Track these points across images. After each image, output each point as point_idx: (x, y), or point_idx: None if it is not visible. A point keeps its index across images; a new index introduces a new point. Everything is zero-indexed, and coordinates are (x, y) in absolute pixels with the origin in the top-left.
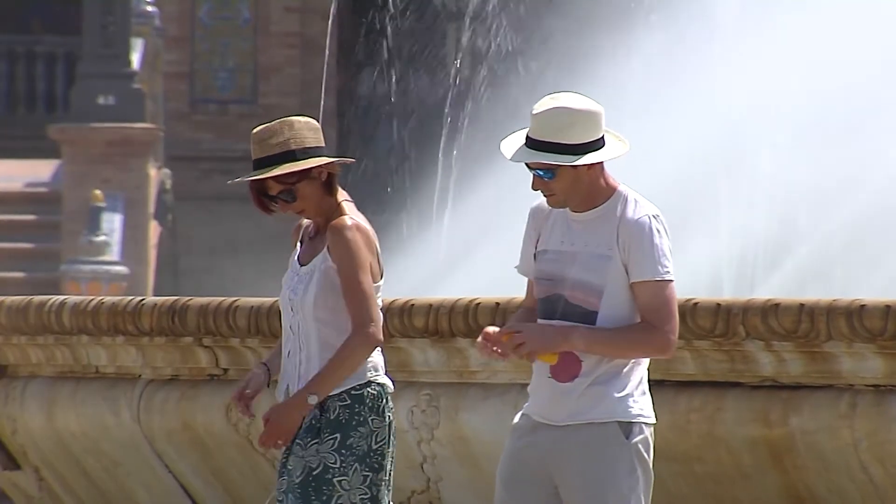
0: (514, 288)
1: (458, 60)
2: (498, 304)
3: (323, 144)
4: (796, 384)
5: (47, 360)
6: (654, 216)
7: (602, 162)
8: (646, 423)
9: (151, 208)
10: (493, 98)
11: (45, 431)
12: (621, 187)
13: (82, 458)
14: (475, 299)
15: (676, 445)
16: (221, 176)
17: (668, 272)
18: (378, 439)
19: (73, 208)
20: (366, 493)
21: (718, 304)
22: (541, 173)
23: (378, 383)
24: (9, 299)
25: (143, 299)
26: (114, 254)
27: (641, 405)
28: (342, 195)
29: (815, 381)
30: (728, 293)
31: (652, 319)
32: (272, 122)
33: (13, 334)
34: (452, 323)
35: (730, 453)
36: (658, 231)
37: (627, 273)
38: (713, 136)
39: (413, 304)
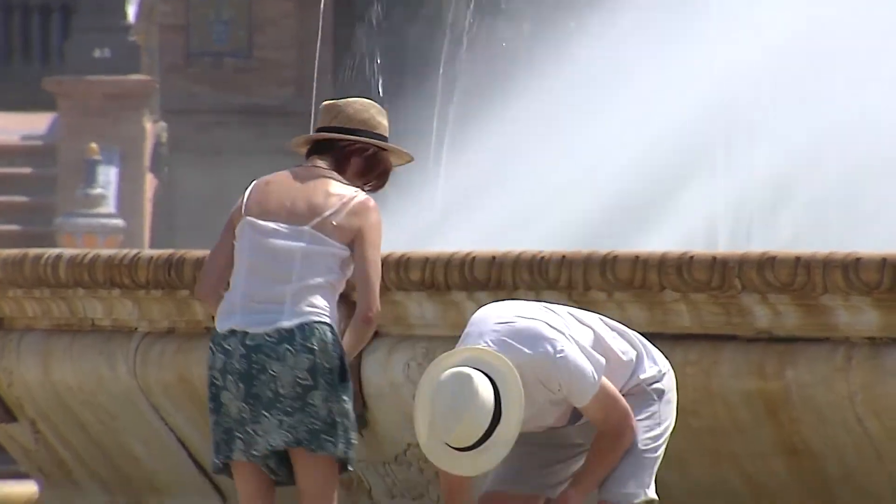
0: (511, 241)
1: (454, 10)
2: (494, 257)
3: None
4: (792, 337)
5: (43, 313)
6: (556, 353)
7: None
8: None
9: (147, 161)
10: (489, 48)
11: (42, 384)
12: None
13: (79, 411)
14: (471, 252)
15: None
16: (217, 129)
17: (595, 385)
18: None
19: (69, 161)
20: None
21: (714, 258)
22: None
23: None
24: (4, 252)
25: (139, 252)
26: (110, 207)
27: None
28: None
29: (810, 334)
30: (724, 246)
31: (603, 426)
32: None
33: (9, 287)
34: (448, 276)
35: (726, 407)
36: (563, 358)
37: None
38: (710, 91)
39: (409, 258)
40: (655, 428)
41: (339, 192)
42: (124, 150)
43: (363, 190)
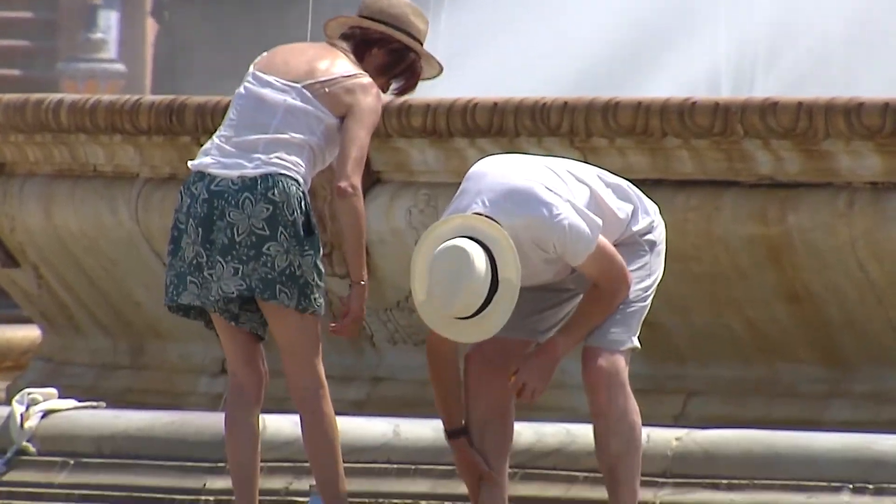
0: (513, 88)
1: None
2: (496, 104)
3: None
4: (794, 182)
5: (45, 158)
6: (553, 216)
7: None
8: None
9: (148, 6)
10: None
11: (44, 230)
12: (508, 229)
13: (81, 256)
14: (473, 99)
15: (674, 245)
16: None
17: (592, 242)
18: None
19: (70, 6)
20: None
21: (717, 103)
22: None
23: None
24: (6, 97)
25: (140, 98)
26: (111, 52)
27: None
28: None
29: (812, 180)
30: (726, 92)
31: (598, 280)
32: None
33: (11, 132)
34: (450, 123)
35: (727, 252)
36: (560, 220)
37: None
38: None
39: (410, 105)
40: (646, 279)
41: (345, 68)
42: None
43: (386, 89)
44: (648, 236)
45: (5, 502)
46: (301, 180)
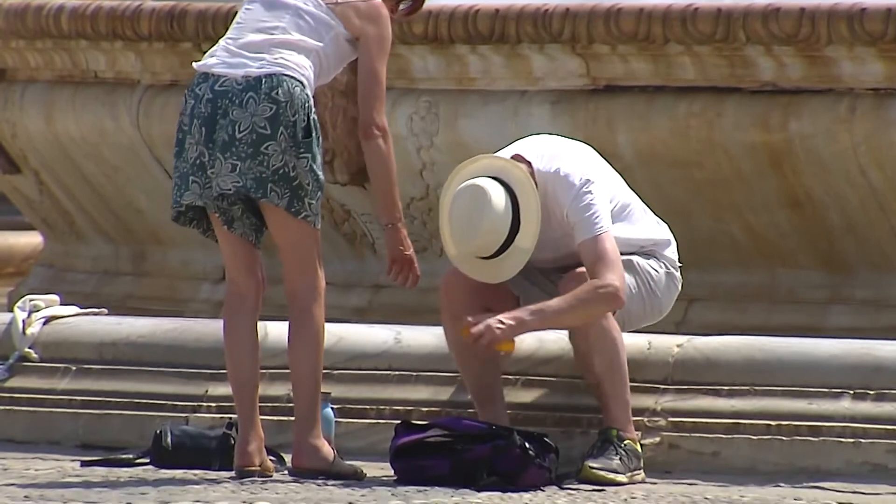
0: None
1: None
2: (498, 10)
3: None
4: (796, 88)
5: (46, 64)
6: (583, 183)
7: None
8: None
9: None
10: None
11: (45, 136)
12: (538, 171)
13: (82, 162)
14: (475, 5)
15: (676, 151)
16: None
17: (603, 229)
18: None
19: None
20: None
21: (719, 9)
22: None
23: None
24: (7, 3)
25: (141, 3)
26: None
27: None
28: None
29: (814, 86)
30: None
31: (599, 274)
32: None
33: (11, 38)
34: (452, 29)
35: (729, 158)
36: (588, 192)
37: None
38: None
39: None
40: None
41: None
42: None
43: (395, 12)
44: (673, 272)
45: (7, 408)
46: (306, 83)
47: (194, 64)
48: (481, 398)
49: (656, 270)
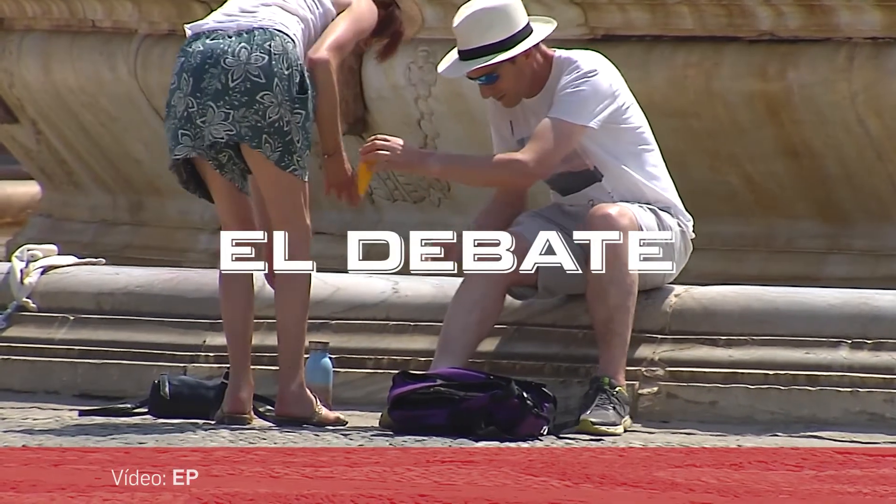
0: None
1: None
2: None
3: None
4: (794, 38)
5: (43, 13)
6: (588, 71)
7: (536, 45)
8: None
9: None
10: None
11: (42, 85)
12: (557, 55)
13: (79, 112)
14: None
15: (674, 101)
16: None
17: (574, 118)
18: None
19: None
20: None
21: None
22: (484, 80)
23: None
24: None
25: None
26: None
27: None
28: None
29: (813, 35)
30: None
31: (526, 147)
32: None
33: None
34: None
35: (727, 108)
36: (586, 81)
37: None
38: None
39: None
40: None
41: None
42: None
43: (367, 46)
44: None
45: (5, 358)
46: (297, 43)
47: (186, 26)
48: (446, 346)
49: (680, 228)
